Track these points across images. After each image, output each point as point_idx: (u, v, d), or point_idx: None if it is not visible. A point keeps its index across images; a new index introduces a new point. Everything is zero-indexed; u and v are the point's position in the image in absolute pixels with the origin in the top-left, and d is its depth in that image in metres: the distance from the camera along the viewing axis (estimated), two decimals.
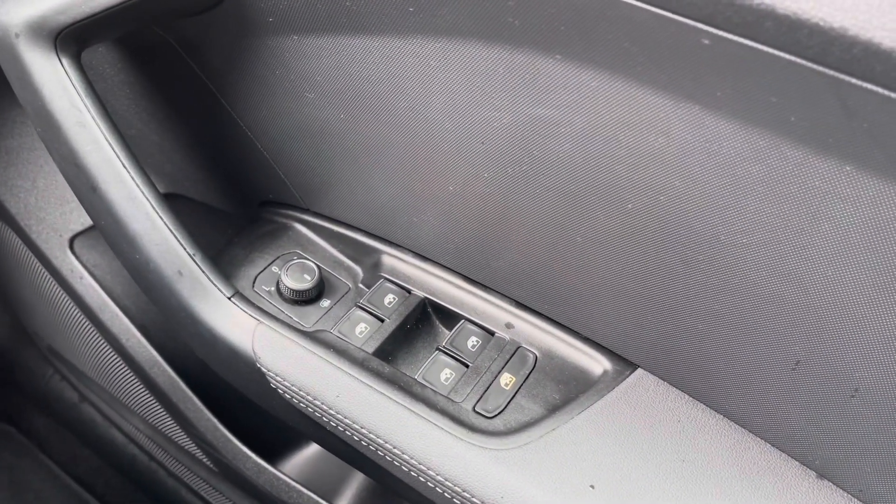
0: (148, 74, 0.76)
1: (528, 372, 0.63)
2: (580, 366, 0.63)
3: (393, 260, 0.71)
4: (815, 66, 0.37)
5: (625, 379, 0.60)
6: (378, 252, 0.72)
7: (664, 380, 0.59)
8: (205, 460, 0.98)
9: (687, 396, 0.58)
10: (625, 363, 0.61)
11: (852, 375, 0.48)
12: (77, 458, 1.20)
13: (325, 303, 0.69)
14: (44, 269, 0.93)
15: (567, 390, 0.61)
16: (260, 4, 0.59)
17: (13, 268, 1.00)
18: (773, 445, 0.55)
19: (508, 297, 0.66)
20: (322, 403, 0.60)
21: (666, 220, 0.50)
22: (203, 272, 0.63)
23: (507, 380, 0.62)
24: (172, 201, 0.71)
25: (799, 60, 0.37)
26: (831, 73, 0.37)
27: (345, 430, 0.60)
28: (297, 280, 0.68)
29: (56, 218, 0.91)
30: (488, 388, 0.62)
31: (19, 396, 1.21)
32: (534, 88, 0.49)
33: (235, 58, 0.65)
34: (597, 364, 0.62)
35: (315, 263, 0.70)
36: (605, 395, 0.59)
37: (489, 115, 0.53)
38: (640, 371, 0.60)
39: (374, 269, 0.71)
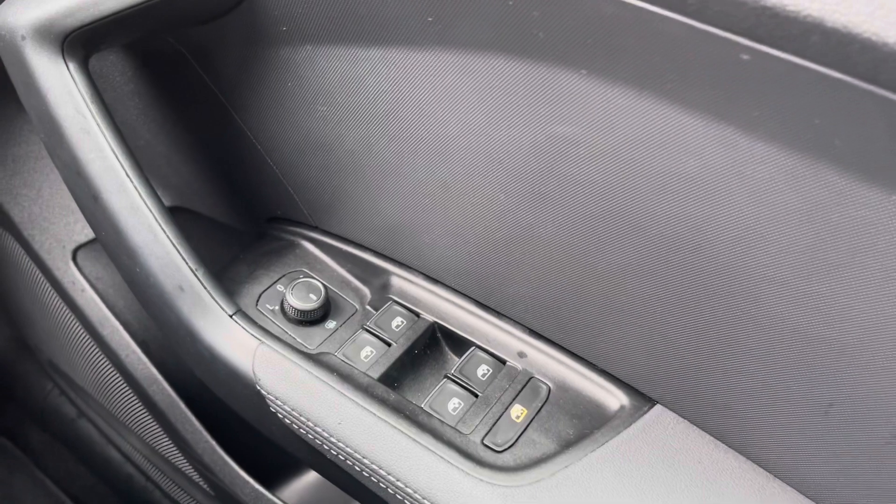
0: (158, 84, 0.74)
1: (540, 404, 0.60)
2: (596, 400, 0.59)
3: (402, 282, 0.68)
4: (865, 86, 0.34)
5: (643, 415, 0.57)
6: (387, 273, 0.69)
7: (684, 417, 0.56)
8: (201, 483, 0.95)
9: (708, 436, 0.55)
10: (643, 398, 0.58)
11: (890, 420, 0.45)
12: (73, 476, 1.17)
13: (331, 324, 0.66)
14: (45, 281, 0.91)
15: (581, 425, 0.58)
16: (273, 12, 0.57)
17: (15, 278, 0.98)
18: (800, 493, 0.52)
19: (522, 325, 0.64)
20: (323, 430, 0.57)
21: (691, 248, 0.48)
22: (205, 288, 0.61)
23: (518, 412, 0.59)
24: (178, 215, 0.69)
25: (847, 79, 0.34)
26: (883, 93, 0.34)
27: (346, 459, 0.57)
28: (303, 299, 0.65)
29: (60, 228, 0.89)
30: (498, 420, 0.58)
31: (17, 410, 1.19)
32: (556, 105, 0.47)
33: (247, 68, 0.63)
34: (613, 398, 0.59)
35: (321, 283, 0.67)
36: (622, 432, 0.56)
37: (508, 132, 0.51)
38: (658, 407, 0.57)
39: (382, 291, 0.69)
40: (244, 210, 0.83)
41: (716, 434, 0.55)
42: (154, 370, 0.87)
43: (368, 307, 0.68)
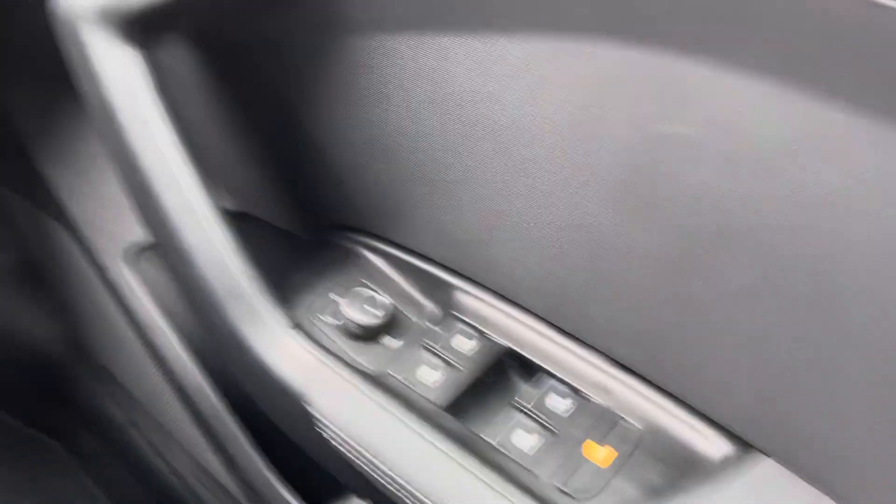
0: (224, 79, 0.71)
1: (627, 448, 0.52)
2: (692, 447, 0.52)
3: (470, 298, 0.62)
4: None
5: (749, 469, 0.49)
6: (453, 288, 0.63)
7: (800, 476, 0.48)
8: None
9: (831, 502, 0.47)
10: (750, 449, 0.50)
11: None
12: (118, 484, 1.15)
13: (391, 342, 0.61)
14: (100, 281, 0.88)
15: (674, 476, 0.50)
16: None
17: (71, 277, 0.96)
18: None
19: (605, 354, 0.56)
20: (381, 463, 0.51)
21: (826, 271, 0.40)
22: (259, 297, 0.57)
23: (601, 455, 0.52)
24: (239, 220, 0.65)
25: None
26: None
27: (405, 496, 0.51)
28: (362, 313, 0.60)
29: (117, 227, 0.86)
30: (578, 463, 0.51)
31: (69, 413, 1.18)
32: (669, 99, 0.40)
33: (315, 62, 0.59)
34: (713, 447, 0.51)
35: (384, 296, 0.62)
36: (723, 488, 0.48)
37: (607, 131, 0.44)
38: (768, 461, 0.49)
39: (447, 308, 0.63)
40: (306, 217, 0.79)
41: (840, 499, 0.47)
42: (202, 380, 0.83)
43: (431, 325, 0.62)
